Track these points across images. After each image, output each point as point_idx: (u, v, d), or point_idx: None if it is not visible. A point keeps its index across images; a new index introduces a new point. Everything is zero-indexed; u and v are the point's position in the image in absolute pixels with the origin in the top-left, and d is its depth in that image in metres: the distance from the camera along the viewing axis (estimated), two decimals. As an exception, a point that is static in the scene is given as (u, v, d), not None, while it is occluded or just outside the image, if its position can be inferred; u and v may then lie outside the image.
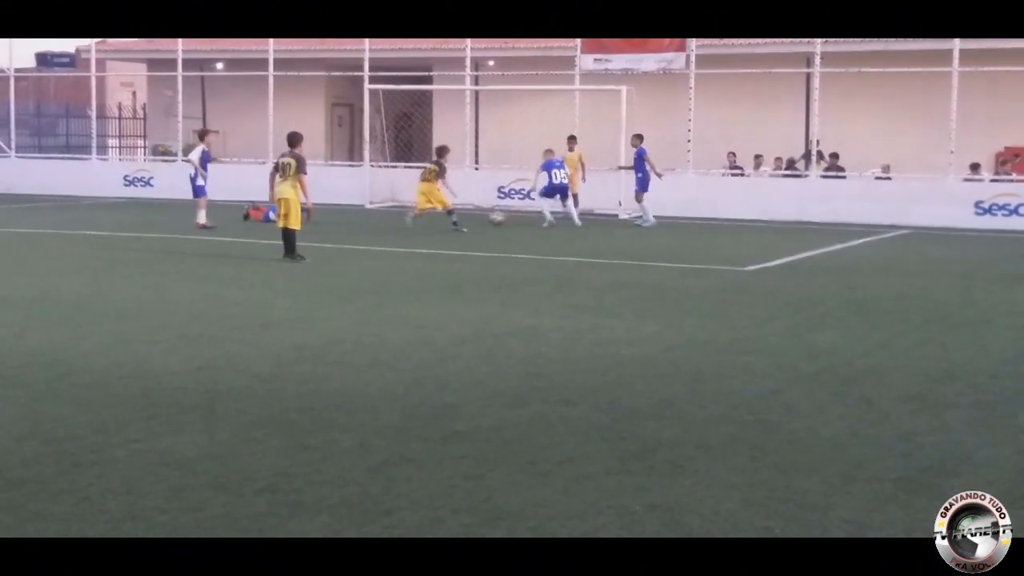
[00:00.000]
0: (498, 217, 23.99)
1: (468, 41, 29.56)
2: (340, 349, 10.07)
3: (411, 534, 5.56)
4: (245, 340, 10.47)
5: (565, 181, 24.07)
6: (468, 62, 30.10)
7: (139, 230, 21.00)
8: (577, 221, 23.70)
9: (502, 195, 28.52)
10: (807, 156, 28.52)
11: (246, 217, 23.75)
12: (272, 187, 16.89)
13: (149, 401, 8.10)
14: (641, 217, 24.49)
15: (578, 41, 28.37)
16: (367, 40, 30.12)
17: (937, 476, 6.59)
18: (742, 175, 29.31)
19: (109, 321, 11.39)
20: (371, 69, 30.25)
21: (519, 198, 28.21)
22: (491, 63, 33.82)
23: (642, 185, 24.57)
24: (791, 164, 29.37)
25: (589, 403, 8.25)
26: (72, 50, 42.72)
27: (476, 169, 31.02)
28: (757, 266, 17.10)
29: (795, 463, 6.82)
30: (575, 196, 24.77)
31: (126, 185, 32.26)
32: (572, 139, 25.88)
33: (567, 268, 16.69)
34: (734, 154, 29.80)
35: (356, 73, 31.09)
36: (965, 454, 7.11)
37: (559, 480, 6.42)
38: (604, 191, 26.82)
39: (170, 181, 30.11)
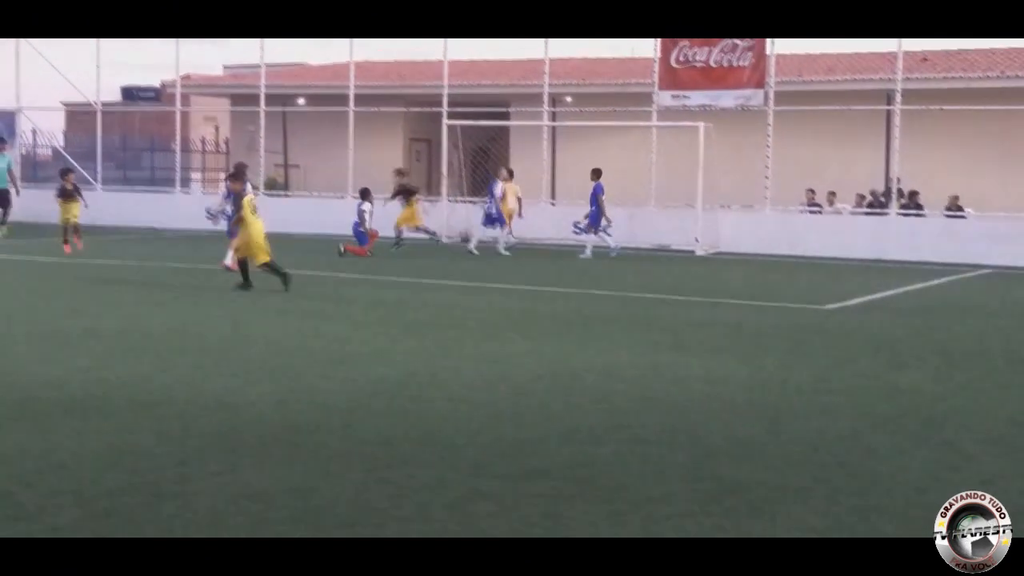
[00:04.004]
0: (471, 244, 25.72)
1: (546, 77, 29.73)
2: (417, 383, 10.13)
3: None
4: (324, 374, 10.57)
5: (490, 209, 25.80)
6: (546, 97, 30.25)
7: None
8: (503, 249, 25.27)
9: (577, 230, 28.55)
10: (887, 194, 28.24)
11: (341, 253, 23.75)
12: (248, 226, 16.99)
13: (230, 433, 8.20)
14: (585, 249, 25.16)
15: (656, 77, 28.41)
16: (446, 76, 30.41)
17: (1022, 522, 6.46)
18: (820, 212, 29.07)
19: (190, 353, 11.56)
20: (449, 104, 30.48)
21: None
22: (568, 99, 33.96)
23: (594, 220, 24.98)
24: (876, 200, 28.99)
25: (667, 442, 8.21)
26: (157, 84, 43.61)
27: (552, 204, 31.12)
28: (836, 304, 16.94)
29: (876, 506, 6.73)
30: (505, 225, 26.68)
31: (208, 218, 32.65)
32: (508, 171, 27.07)
33: (643, 305, 16.66)
34: (813, 191, 29.59)
35: (435, 109, 31.36)
36: (1051, 500, 6.97)
37: (636, 520, 6.39)
38: (681, 228, 26.78)
39: (251, 214, 30.47)
